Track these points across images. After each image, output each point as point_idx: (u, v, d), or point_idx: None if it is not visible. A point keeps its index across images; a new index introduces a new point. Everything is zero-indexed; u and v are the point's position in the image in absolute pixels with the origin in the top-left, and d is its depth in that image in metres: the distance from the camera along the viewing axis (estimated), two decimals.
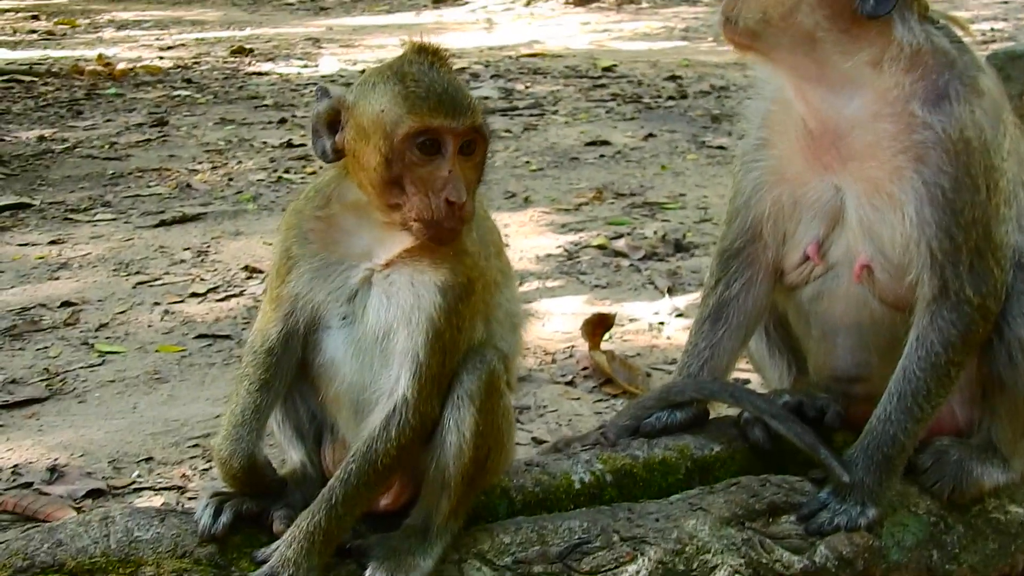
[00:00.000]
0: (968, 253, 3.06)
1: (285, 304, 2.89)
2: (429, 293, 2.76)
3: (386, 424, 2.76)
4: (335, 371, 2.89)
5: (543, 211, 7.86)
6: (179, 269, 6.76)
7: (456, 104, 2.69)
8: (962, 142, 3.02)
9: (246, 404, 2.88)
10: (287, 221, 2.95)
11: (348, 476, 2.75)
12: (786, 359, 3.60)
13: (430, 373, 2.76)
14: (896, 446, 3.11)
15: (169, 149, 9.77)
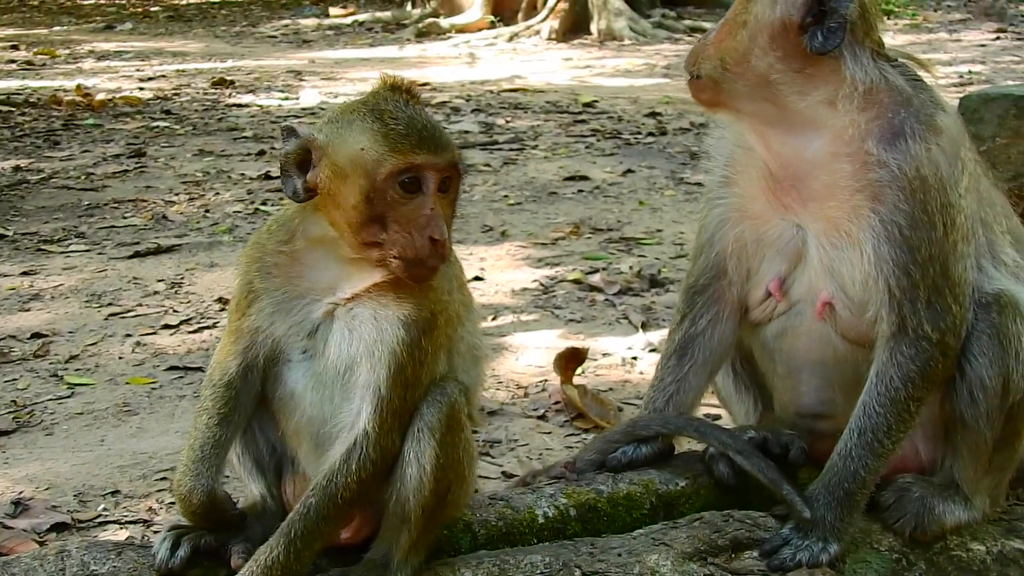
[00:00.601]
0: (926, 290, 3.08)
1: (245, 337, 2.89)
2: (392, 327, 2.76)
3: (346, 458, 2.75)
4: (295, 404, 2.89)
5: (520, 245, 7.88)
6: (152, 301, 6.73)
7: (437, 141, 2.71)
8: (918, 180, 3.04)
9: (205, 438, 2.87)
10: (249, 254, 2.95)
11: (307, 510, 2.74)
12: (752, 395, 3.61)
13: (392, 407, 2.76)
14: (857, 482, 3.11)
15: (146, 180, 9.76)
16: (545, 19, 19.92)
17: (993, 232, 3.31)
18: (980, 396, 3.15)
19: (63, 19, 24.49)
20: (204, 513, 2.85)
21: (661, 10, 20.86)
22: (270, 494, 3.02)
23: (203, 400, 2.92)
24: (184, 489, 2.84)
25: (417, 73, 15.88)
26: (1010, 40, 18.90)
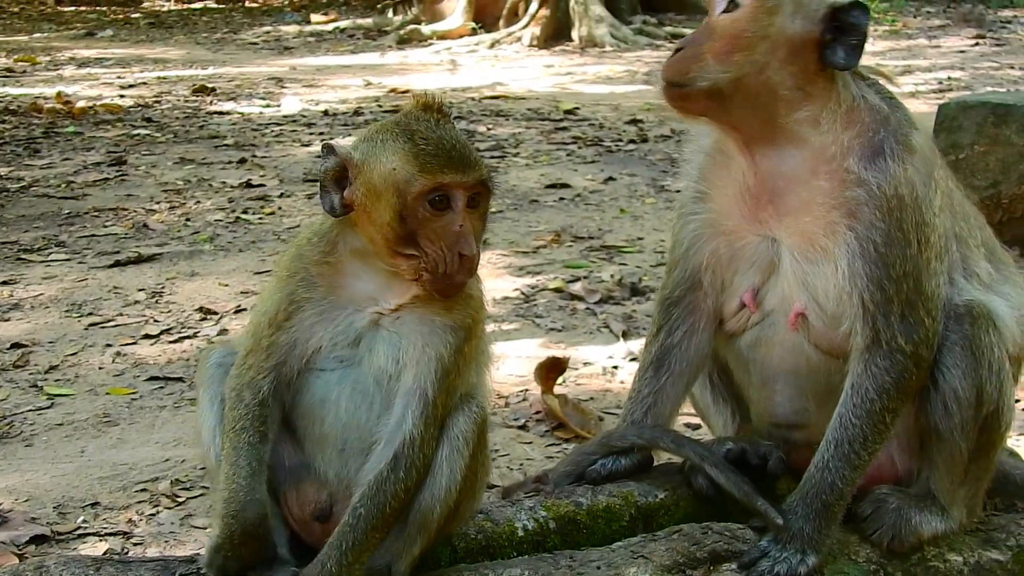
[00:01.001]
0: (899, 304, 3.12)
1: (279, 352, 2.90)
2: (441, 332, 2.84)
3: (394, 465, 2.79)
4: (324, 411, 2.91)
5: (501, 253, 7.89)
6: (133, 310, 6.72)
7: (464, 160, 2.79)
8: (895, 199, 3.07)
9: (250, 456, 2.84)
10: (290, 266, 2.97)
11: (358, 521, 2.76)
12: (730, 407, 3.63)
13: (435, 412, 2.82)
14: (835, 493, 3.14)
15: (127, 189, 9.74)
16: (526, 26, 19.96)
17: (968, 247, 3.35)
18: (954, 407, 3.18)
19: (43, 26, 24.42)
20: (258, 534, 2.81)
21: (642, 16, 20.94)
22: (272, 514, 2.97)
23: (236, 420, 2.88)
24: (235, 507, 2.79)
25: (398, 80, 15.91)
26: (989, 46, 19.03)
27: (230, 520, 2.79)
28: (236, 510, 2.79)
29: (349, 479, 2.89)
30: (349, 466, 2.90)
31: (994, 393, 3.19)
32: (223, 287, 7.07)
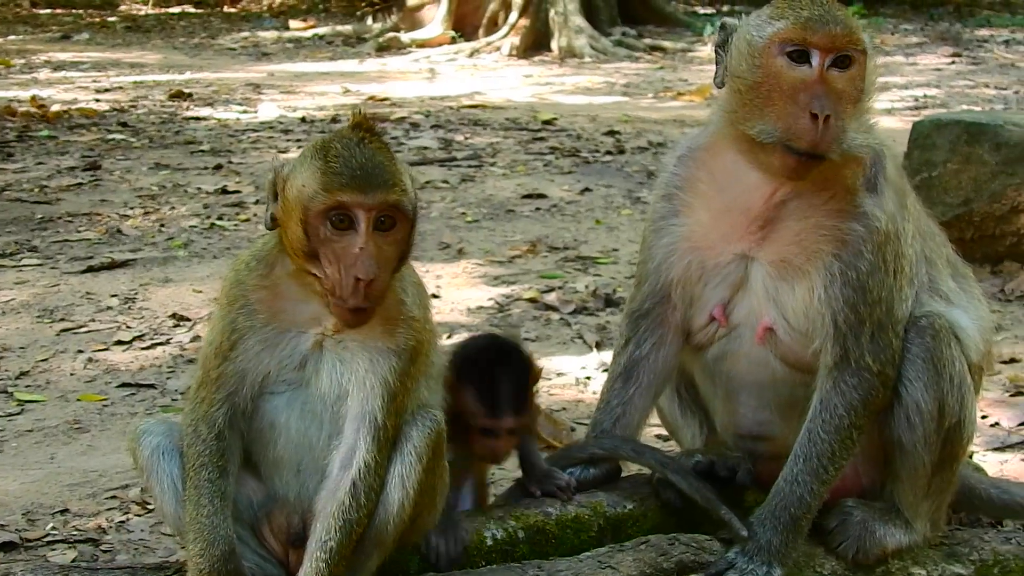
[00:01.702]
0: (871, 326, 3.20)
1: (230, 382, 2.89)
2: (383, 357, 2.83)
3: (354, 494, 2.80)
4: (276, 434, 2.91)
5: (476, 263, 7.91)
6: (105, 316, 6.69)
7: (370, 180, 2.72)
8: (883, 233, 3.17)
9: (212, 492, 2.84)
10: (229, 295, 2.94)
11: (330, 554, 2.78)
12: (698, 419, 3.66)
13: (386, 435, 2.83)
14: (803, 507, 3.18)
15: (101, 194, 9.69)
16: (506, 35, 19.99)
17: (935, 267, 3.44)
18: (917, 420, 3.23)
19: (18, 28, 24.25)
20: (227, 570, 2.80)
21: (622, 28, 21.01)
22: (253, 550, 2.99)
23: (195, 458, 2.87)
24: (202, 545, 2.79)
25: (377, 88, 15.90)
26: (965, 64, 19.18)
27: (198, 560, 2.80)
28: (203, 548, 2.80)
29: (310, 499, 2.90)
30: (307, 486, 2.91)
31: (956, 406, 3.24)
32: (197, 293, 7.04)
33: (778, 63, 3.07)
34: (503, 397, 3.25)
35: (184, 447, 2.90)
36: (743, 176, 3.24)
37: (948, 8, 23.87)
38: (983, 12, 23.63)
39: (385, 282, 2.76)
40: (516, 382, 3.31)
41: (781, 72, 3.07)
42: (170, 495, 2.93)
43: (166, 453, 2.95)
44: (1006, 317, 6.83)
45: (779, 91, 3.06)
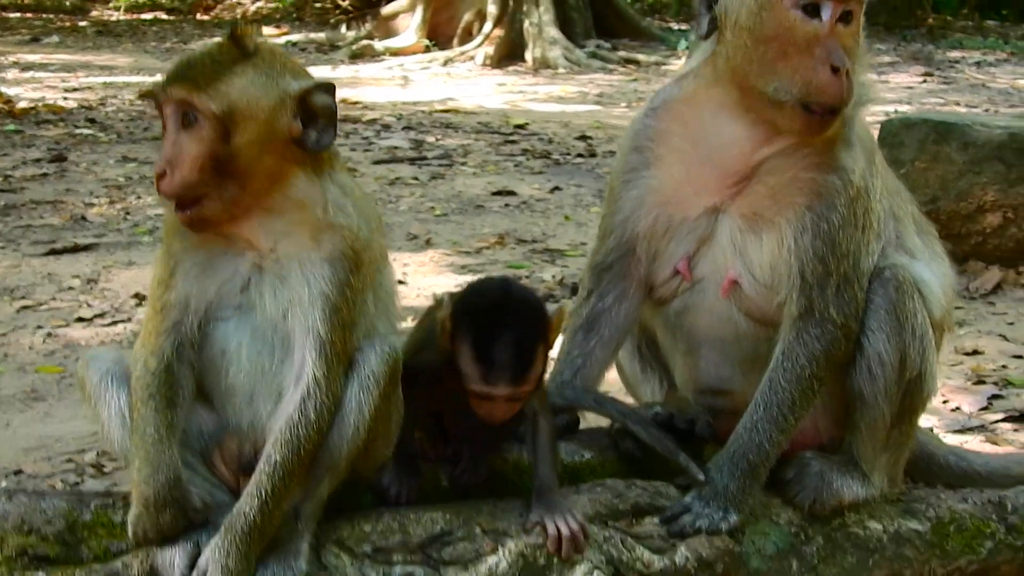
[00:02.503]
0: (837, 278, 3.21)
1: (174, 311, 2.84)
2: (315, 268, 2.79)
3: (303, 409, 2.75)
4: (228, 362, 2.87)
5: (444, 253, 7.89)
6: (67, 296, 6.63)
7: (177, 75, 2.78)
8: (857, 187, 3.19)
9: (159, 422, 2.79)
10: (166, 224, 2.94)
11: (273, 469, 2.72)
12: (657, 376, 3.66)
13: (334, 351, 2.78)
14: (761, 454, 3.18)
15: (66, 183, 9.61)
16: (480, 45, 20.03)
17: (902, 224, 3.47)
18: (878, 371, 3.24)
19: None
20: (173, 497, 2.74)
21: (596, 41, 21.09)
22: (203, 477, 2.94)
23: (143, 389, 2.83)
24: (147, 472, 2.73)
25: (349, 92, 15.85)
26: (936, 83, 19.38)
27: (143, 487, 2.74)
28: (148, 475, 2.74)
29: (263, 427, 2.87)
30: (260, 415, 2.87)
31: (917, 358, 3.25)
32: None
33: (791, 16, 3.06)
34: (500, 362, 2.85)
35: (132, 379, 2.85)
36: (723, 130, 3.24)
37: (921, 30, 24.11)
38: (955, 35, 23.89)
39: (183, 179, 2.70)
40: (519, 344, 2.88)
41: (795, 26, 3.07)
42: (117, 422, 2.89)
43: (114, 379, 2.91)
44: (970, 314, 6.87)
45: (793, 45, 3.06)
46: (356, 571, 2.75)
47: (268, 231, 2.81)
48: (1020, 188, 7.17)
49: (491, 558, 2.83)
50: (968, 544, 3.44)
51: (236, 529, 2.66)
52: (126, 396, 2.88)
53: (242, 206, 2.77)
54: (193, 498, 2.79)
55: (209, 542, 2.67)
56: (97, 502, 2.80)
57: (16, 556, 2.53)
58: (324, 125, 2.81)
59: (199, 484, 2.85)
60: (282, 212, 2.81)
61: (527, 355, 2.89)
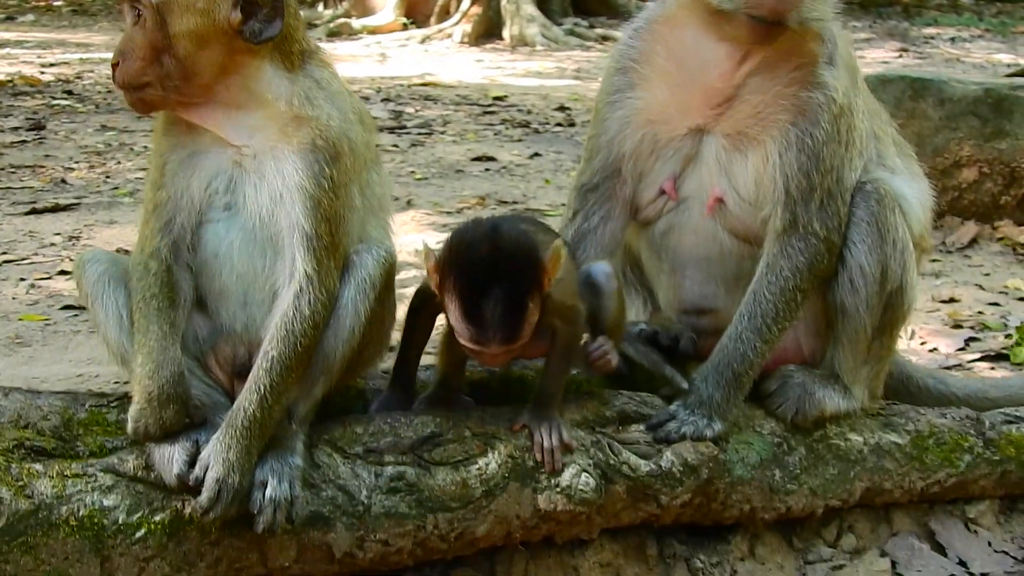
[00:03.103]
0: (821, 193, 3.25)
1: (166, 211, 2.87)
2: (291, 161, 2.80)
3: (297, 305, 2.77)
4: (220, 264, 2.89)
5: (425, 213, 7.91)
6: (49, 251, 6.61)
7: None
8: (840, 104, 3.23)
9: (161, 320, 2.80)
10: (155, 126, 2.97)
11: (271, 364, 2.74)
12: (641, 298, 3.70)
13: (322, 245, 2.79)
14: (745, 363, 3.22)
15: (45, 150, 9.57)
16: (458, 23, 20.00)
17: (883, 143, 3.53)
18: (860, 283, 3.29)
19: None
20: (176, 393, 2.75)
21: (573, 19, 21.11)
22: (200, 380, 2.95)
23: (144, 290, 2.84)
24: (151, 368, 2.73)
25: None
26: (911, 58, 19.48)
27: (147, 382, 2.74)
28: (152, 371, 2.74)
29: (257, 330, 2.89)
30: (254, 318, 2.90)
31: (898, 270, 3.31)
32: None
33: None
34: (489, 322, 2.72)
35: (133, 282, 2.87)
36: (705, 50, 3.27)
37: (896, 8, 24.23)
38: (930, 12, 24.01)
39: (128, 68, 2.77)
40: (508, 304, 2.71)
41: None
42: (114, 322, 2.90)
43: (112, 280, 2.92)
44: (947, 266, 6.95)
45: None
46: (348, 470, 2.79)
47: (238, 126, 2.83)
48: (996, 143, 7.24)
49: (481, 459, 2.87)
50: (947, 457, 3.51)
51: (237, 424, 2.69)
52: (123, 297, 2.89)
53: (190, 95, 2.79)
54: (194, 396, 2.81)
55: (209, 439, 2.70)
56: (92, 402, 2.82)
57: (13, 448, 2.54)
58: (267, 15, 2.79)
59: (196, 385, 2.87)
60: (248, 107, 2.82)
61: (516, 314, 2.72)
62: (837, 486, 3.36)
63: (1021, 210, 7.35)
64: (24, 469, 2.48)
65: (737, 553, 3.30)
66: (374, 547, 2.76)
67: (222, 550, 2.64)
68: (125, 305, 2.88)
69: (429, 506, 2.80)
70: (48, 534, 2.42)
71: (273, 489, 2.67)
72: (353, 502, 2.75)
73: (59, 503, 2.46)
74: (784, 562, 3.37)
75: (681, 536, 3.26)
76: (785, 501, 3.28)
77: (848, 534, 3.49)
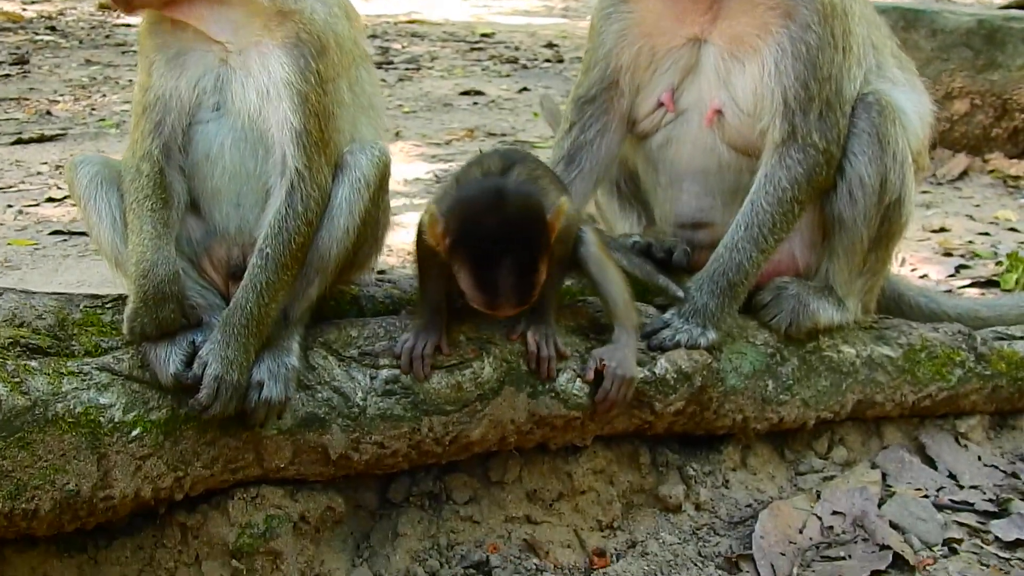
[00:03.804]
0: (820, 103, 3.21)
1: (156, 111, 2.83)
2: (278, 58, 2.77)
3: (289, 202, 2.76)
4: (212, 165, 2.86)
5: (414, 144, 7.86)
6: (36, 180, 6.57)
7: None
8: (831, 5, 3.18)
9: (155, 220, 2.77)
10: (141, 30, 2.92)
11: (266, 261, 2.73)
12: (636, 211, 3.69)
13: (312, 140, 2.77)
14: (740, 273, 3.21)
15: (30, 84, 9.49)
16: None
17: (882, 54, 3.49)
18: (859, 194, 3.28)
19: None
20: (171, 291, 2.71)
21: None
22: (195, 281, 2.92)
23: (137, 192, 2.80)
24: (146, 267, 2.70)
25: None
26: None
27: (142, 281, 2.71)
28: (147, 270, 2.71)
29: (250, 231, 2.86)
30: (247, 219, 2.87)
31: (897, 182, 3.30)
32: None
33: None
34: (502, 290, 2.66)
35: (125, 184, 2.84)
36: None
37: None
38: None
39: None
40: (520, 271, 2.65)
41: None
42: (107, 224, 2.87)
43: (104, 182, 2.89)
44: (937, 197, 6.95)
45: None
46: (343, 372, 2.78)
47: (220, 21, 2.79)
48: (988, 75, 7.22)
49: (475, 363, 2.86)
50: (938, 371, 3.53)
51: (234, 322, 2.68)
52: (116, 199, 2.86)
53: None
54: (189, 298, 2.79)
55: (206, 340, 2.69)
56: (86, 303, 2.80)
57: (8, 346, 2.52)
58: None
59: (191, 287, 2.85)
60: (231, 1, 2.78)
61: (529, 279, 2.67)
62: (829, 398, 3.38)
63: (1012, 142, 7.35)
64: (20, 366, 2.46)
65: (729, 463, 3.32)
66: (369, 449, 2.77)
67: (218, 450, 2.64)
68: (118, 207, 2.85)
69: (424, 409, 2.80)
70: (45, 431, 2.41)
71: (268, 389, 2.66)
72: (348, 404, 2.74)
73: (55, 400, 2.45)
74: (775, 472, 3.39)
75: (674, 446, 3.28)
76: (778, 412, 3.30)
77: (839, 446, 3.52)
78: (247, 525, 2.70)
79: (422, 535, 2.93)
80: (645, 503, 3.17)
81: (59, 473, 2.44)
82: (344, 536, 2.89)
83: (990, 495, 3.40)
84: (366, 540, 2.91)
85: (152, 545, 2.69)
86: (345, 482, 2.89)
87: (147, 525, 2.71)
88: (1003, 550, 3.14)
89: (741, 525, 3.17)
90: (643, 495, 3.17)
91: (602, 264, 2.98)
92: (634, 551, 3.00)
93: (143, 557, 2.68)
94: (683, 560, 3.00)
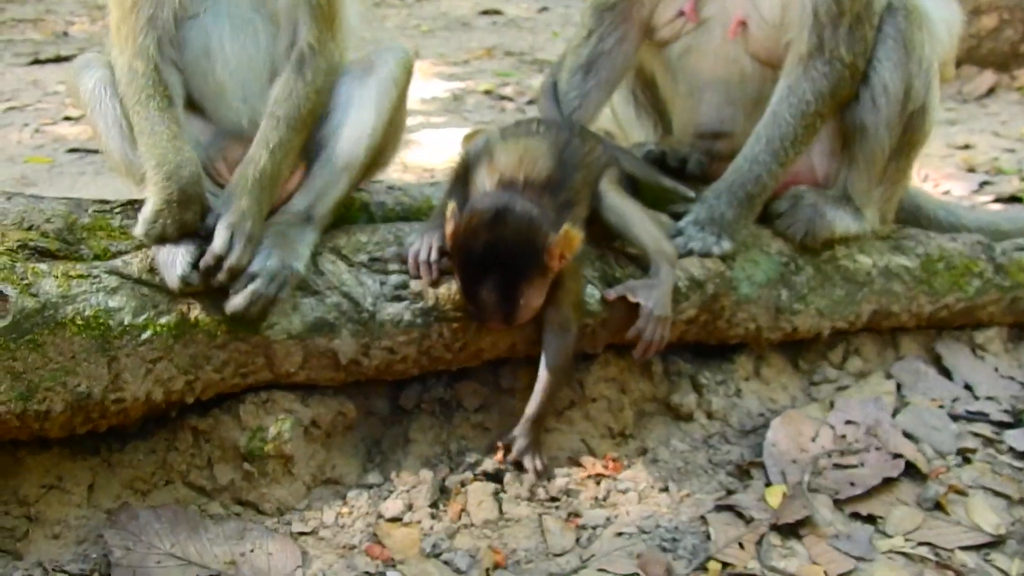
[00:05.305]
0: (850, 17, 3.14)
1: (146, 5, 2.72)
2: None
3: (299, 70, 2.76)
4: (213, 61, 2.81)
5: (431, 63, 7.80)
6: (52, 99, 6.55)
7: None
8: None
9: (167, 119, 2.70)
10: None
11: (277, 122, 2.73)
12: (652, 120, 3.64)
13: (323, 14, 2.75)
14: (758, 185, 3.17)
15: (47, 5, 9.45)
16: None
17: None
18: (882, 102, 3.21)
19: None
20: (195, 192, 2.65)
21: None
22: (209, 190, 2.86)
23: (137, 92, 2.71)
24: (169, 168, 2.63)
25: None
26: None
27: (166, 182, 2.64)
28: (171, 171, 2.64)
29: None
30: (258, 110, 2.83)
31: (922, 90, 3.23)
32: None
33: None
34: (486, 307, 2.72)
35: (121, 88, 2.76)
36: None
37: None
38: None
39: None
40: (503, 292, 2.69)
41: None
42: (115, 131, 2.82)
43: (110, 87, 2.82)
44: (962, 115, 6.85)
45: None
46: (352, 277, 2.77)
47: None
48: None
49: None
50: (956, 282, 3.49)
51: (248, 175, 2.67)
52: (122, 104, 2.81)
53: None
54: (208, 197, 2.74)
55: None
56: (95, 207, 2.79)
57: (17, 248, 2.52)
58: None
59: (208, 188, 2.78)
60: None
61: (510, 302, 2.69)
62: (844, 308, 3.35)
63: None
64: (29, 268, 2.46)
65: (742, 373, 3.31)
66: (379, 355, 2.77)
67: (228, 353, 2.65)
68: (126, 114, 2.80)
69: (434, 315, 2.79)
70: (55, 332, 2.42)
71: (261, 284, 2.62)
72: (358, 309, 2.74)
73: (64, 303, 2.45)
74: (789, 383, 3.38)
75: (686, 355, 3.27)
76: (791, 321, 3.27)
77: (854, 357, 3.50)
78: (258, 429, 2.72)
79: (433, 441, 2.94)
80: (656, 411, 3.17)
81: (70, 375, 2.45)
82: (355, 442, 2.90)
83: (1006, 406, 3.38)
84: (377, 446, 2.93)
85: (164, 448, 2.71)
86: (356, 388, 2.89)
87: (159, 429, 2.73)
88: (1017, 459, 3.13)
89: (753, 434, 3.17)
90: (655, 404, 3.17)
91: (621, 211, 2.95)
92: (644, 458, 3.00)
93: (156, 460, 2.70)
94: (693, 467, 3.00)
